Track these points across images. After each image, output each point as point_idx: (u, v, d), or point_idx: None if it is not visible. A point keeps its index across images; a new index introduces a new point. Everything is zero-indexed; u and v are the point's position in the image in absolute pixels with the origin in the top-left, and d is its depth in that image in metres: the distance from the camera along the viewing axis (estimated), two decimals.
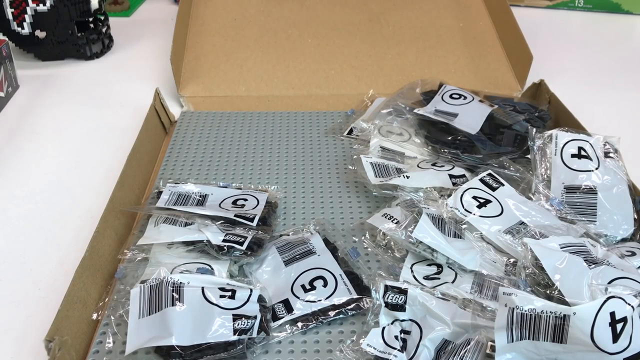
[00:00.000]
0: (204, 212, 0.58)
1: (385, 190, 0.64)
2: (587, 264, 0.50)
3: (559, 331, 0.41)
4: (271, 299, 0.52)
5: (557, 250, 0.51)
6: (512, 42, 0.92)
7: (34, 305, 0.55)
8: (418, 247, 0.54)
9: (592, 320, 0.40)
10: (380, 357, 0.46)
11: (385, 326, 0.49)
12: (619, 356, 0.40)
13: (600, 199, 0.59)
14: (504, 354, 0.43)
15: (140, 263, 0.55)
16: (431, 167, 0.65)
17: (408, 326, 0.48)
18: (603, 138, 0.63)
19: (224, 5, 1.03)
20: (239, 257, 0.54)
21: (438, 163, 0.66)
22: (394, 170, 0.66)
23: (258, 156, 0.74)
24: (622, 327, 0.40)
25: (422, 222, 0.54)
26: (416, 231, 0.53)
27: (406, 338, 0.48)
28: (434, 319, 0.48)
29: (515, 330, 0.42)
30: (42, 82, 0.94)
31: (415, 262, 0.55)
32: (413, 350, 0.46)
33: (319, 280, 0.53)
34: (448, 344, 0.46)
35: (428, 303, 0.48)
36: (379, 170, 0.66)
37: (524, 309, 0.42)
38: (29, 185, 0.71)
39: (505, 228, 0.57)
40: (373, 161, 0.67)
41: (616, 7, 1.19)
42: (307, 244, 0.57)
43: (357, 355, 0.47)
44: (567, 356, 0.41)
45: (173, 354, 0.45)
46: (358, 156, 0.68)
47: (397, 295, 0.50)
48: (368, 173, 0.65)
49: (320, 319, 0.50)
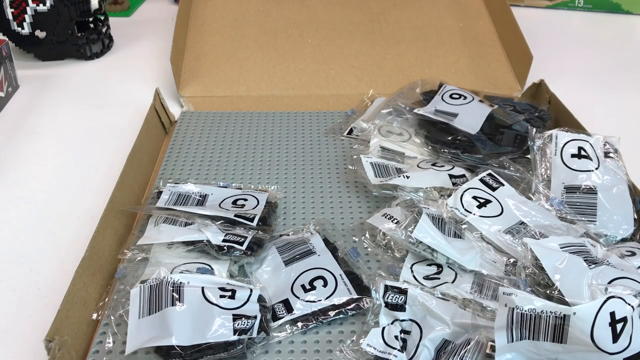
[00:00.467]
0: (204, 212, 0.58)
1: (385, 190, 0.64)
2: (587, 264, 0.50)
3: (559, 331, 0.41)
4: (271, 299, 0.52)
5: (557, 250, 0.51)
6: (512, 42, 0.92)
7: (34, 305, 0.55)
8: (418, 247, 0.54)
9: (592, 320, 0.40)
10: (380, 357, 0.46)
11: (385, 326, 0.49)
12: (619, 356, 0.40)
13: (600, 199, 0.59)
14: (503, 354, 0.43)
15: (140, 263, 0.55)
16: (431, 167, 0.65)
17: (408, 326, 0.48)
18: (603, 138, 0.63)
19: (224, 5, 1.03)
20: (239, 257, 0.54)
21: (438, 163, 0.66)
22: (394, 170, 0.66)
23: (258, 156, 0.74)
24: (622, 327, 0.40)
25: (422, 222, 0.54)
26: (416, 231, 0.53)
27: (406, 338, 0.48)
28: (434, 319, 0.48)
29: (515, 330, 0.42)
30: (42, 82, 0.94)
31: (415, 262, 0.55)
32: (413, 350, 0.46)
33: (319, 280, 0.53)
34: (448, 344, 0.46)
35: (428, 303, 0.48)
36: (379, 170, 0.66)
37: (524, 309, 0.42)
38: (29, 185, 0.71)
39: (505, 228, 0.57)
40: (373, 161, 0.67)
41: (616, 7, 1.19)
42: (307, 244, 0.57)
43: (357, 355, 0.47)
44: (567, 356, 0.41)
45: (173, 354, 0.45)
46: (358, 156, 0.68)
47: (397, 295, 0.50)
48: (368, 173, 0.65)
49: (320, 319, 0.50)
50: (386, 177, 0.64)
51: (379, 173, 0.65)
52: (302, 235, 0.59)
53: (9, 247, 0.62)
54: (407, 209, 0.58)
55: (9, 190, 0.70)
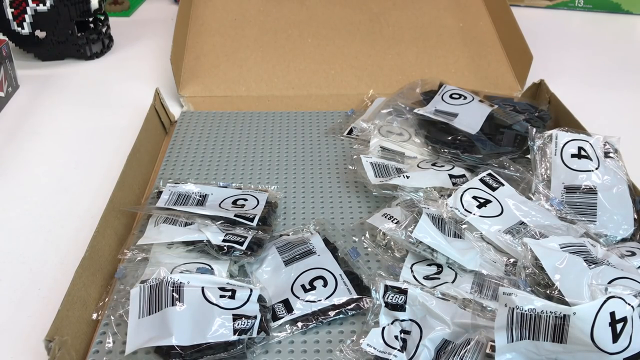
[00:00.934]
0: (204, 212, 0.58)
1: (385, 190, 0.64)
2: (587, 264, 0.50)
3: (559, 331, 0.41)
4: (271, 299, 0.52)
5: (557, 250, 0.51)
6: (512, 42, 0.92)
7: (34, 305, 0.55)
8: (418, 247, 0.54)
9: (592, 320, 0.40)
10: (380, 357, 0.46)
11: (385, 326, 0.49)
12: (619, 356, 0.40)
13: (600, 199, 0.59)
14: (504, 354, 0.43)
15: (140, 263, 0.55)
16: (431, 167, 0.65)
17: (408, 326, 0.48)
18: (603, 138, 0.63)
19: (224, 5, 1.03)
20: (239, 257, 0.54)
21: (438, 163, 0.66)
22: (394, 170, 0.66)
23: (258, 156, 0.74)
24: (622, 327, 0.40)
25: (422, 222, 0.54)
26: (416, 231, 0.53)
27: (406, 338, 0.48)
28: (434, 319, 0.48)
29: (515, 330, 0.42)
30: (42, 82, 0.94)
31: (415, 262, 0.55)
32: (413, 350, 0.46)
33: (319, 280, 0.53)
34: (448, 344, 0.46)
35: (428, 303, 0.48)
36: (379, 170, 0.66)
37: (524, 309, 0.42)
38: (29, 185, 0.71)
39: (505, 228, 0.57)
40: (373, 161, 0.67)
41: (616, 7, 1.19)
42: (307, 244, 0.57)
43: (357, 355, 0.47)
44: (567, 356, 0.41)
45: (173, 354, 0.45)
46: (358, 156, 0.68)
47: (397, 295, 0.50)
48: (368, 173, 0.65)
49: (320, 319, 0.50)
50: (386, 177, 0.64)
51: (379, 173, 0.65)
52: (302, 235, 0.59)
53: (9, 247, 0.62)
54: (407, 209, 0.58)
55: (9, 190, 0.70)
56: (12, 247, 0.61)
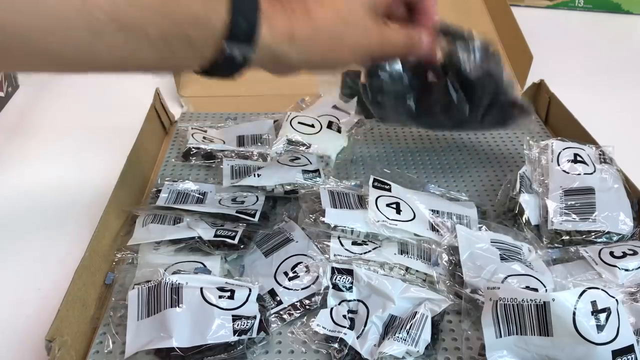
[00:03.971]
0: (204, 209, 0.58)
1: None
2: (501, 257, 0.52)
3: (544, 321, 0.42)
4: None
5: (482, 240, 0.54)
6: (512, 42, 0.92)
7: (34, 305, 0.55)
8: (336, 230, 0.55)
9: (573, 307, 0.41)
10: (330, 336, 0.48)
11: (333, 307, 0.50)
12: (607, 347, 0.41)
13: (599, 197, 0.59)
14: (494, 351, 0.44)
15: (131, 265, 0.55)
16: (287, 163, 0.65)
17: (354, 306, 0.50)
18: (596, 148, 0.63)
19: None
20: (231, 251, 0.55)
21: (298, 158, 0.66)
22: (255, 170, 0.65)
23: None
24: (607, 317, 0.41)
25: (327, 210, 0.55)
26: (326, 218, 0.54)
27: (354, 317, 0.49)
28: (380, 296, 0.49)
29: (502, 324, 0.43)
30: (42, 82, 0.93)
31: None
32: (361, 328, 0.48)
33: (300, 266, 0.53)
34: (395, 319, 0.48)
35: (373, 281, 0.50)
36: (237, 173, 0.66)
37: (507, 299, 0.43)
38: (28, 185, 0.71)
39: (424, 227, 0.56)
40: (234, 164, 0.67)
41: (616, 7, 1.19)
42: (284, 232, 0.57)
43: (308, 336, 0.48)
44: (556, 351, 0.42)
45: (173, 356, 0.45)
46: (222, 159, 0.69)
47: (344, 276, 0.51)
48: (224, 178, 0.65)
49: (307, 306, 0.50)
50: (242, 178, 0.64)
51: (237, 175, 0.66)
52: (278, 226, 0.59)
53: (9, 247, 0.62)
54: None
55: (9, 190, 0.70)
56: (12, 247, 0.62)
